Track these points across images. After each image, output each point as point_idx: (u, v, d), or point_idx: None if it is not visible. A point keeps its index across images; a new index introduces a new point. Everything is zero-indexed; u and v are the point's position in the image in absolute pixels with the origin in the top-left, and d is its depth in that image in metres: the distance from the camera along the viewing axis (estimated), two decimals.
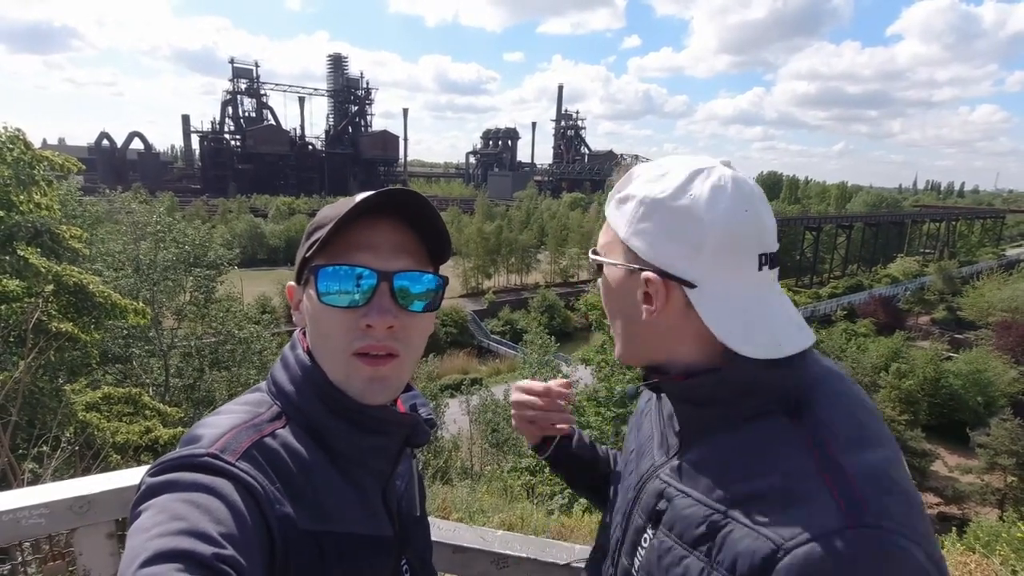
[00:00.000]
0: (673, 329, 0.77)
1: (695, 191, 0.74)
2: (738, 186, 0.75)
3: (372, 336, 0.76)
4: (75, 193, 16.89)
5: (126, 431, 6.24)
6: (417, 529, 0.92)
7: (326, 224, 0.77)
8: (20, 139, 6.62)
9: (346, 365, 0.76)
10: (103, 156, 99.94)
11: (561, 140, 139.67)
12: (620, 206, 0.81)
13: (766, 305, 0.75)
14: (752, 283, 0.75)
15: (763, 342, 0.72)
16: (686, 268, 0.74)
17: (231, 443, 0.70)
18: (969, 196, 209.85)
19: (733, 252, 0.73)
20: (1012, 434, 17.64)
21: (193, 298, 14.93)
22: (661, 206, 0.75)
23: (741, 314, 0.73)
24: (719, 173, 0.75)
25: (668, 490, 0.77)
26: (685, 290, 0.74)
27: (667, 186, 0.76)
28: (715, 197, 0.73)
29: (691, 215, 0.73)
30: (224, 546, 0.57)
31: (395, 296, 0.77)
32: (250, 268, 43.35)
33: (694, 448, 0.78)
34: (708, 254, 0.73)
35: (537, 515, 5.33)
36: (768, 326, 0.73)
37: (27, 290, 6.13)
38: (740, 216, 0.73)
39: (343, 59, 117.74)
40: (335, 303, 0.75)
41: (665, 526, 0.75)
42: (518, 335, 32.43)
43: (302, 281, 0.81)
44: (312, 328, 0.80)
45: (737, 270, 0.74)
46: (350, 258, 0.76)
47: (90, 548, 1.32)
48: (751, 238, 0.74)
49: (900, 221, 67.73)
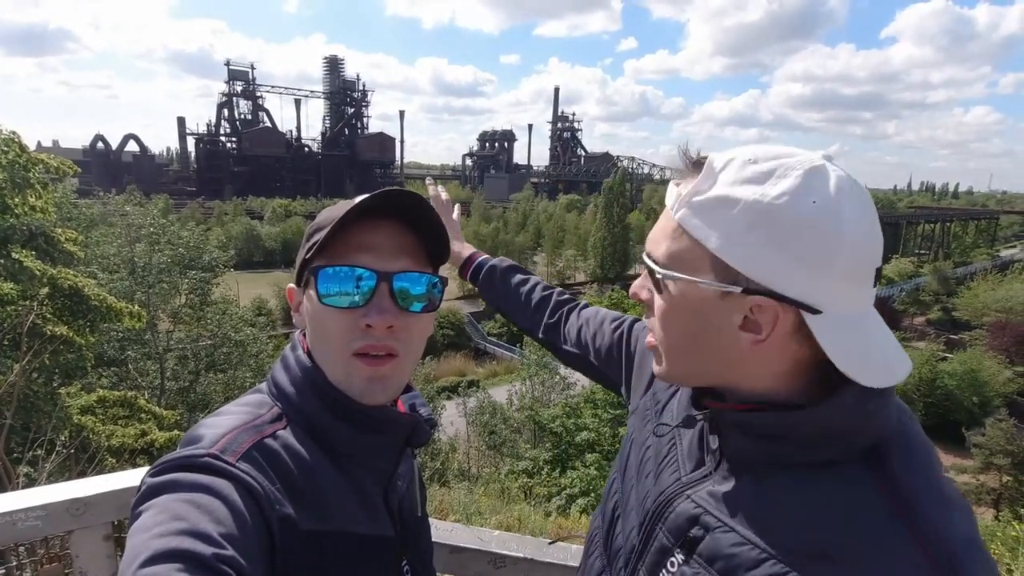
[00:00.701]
0: (763, 357, 0.67)
1: (819, 197, 0.61)
2: (858, 191, 0.64)
3: (372, 336, 0.76)
4: (70, 196, 16.84)
5: (121, 434, 6.22)
6: (419, 530, 0.92)
7: (326, 226, 0.77)
8: (15, 142, 6.61)
9: (346, 365, 0.77)
10: (98, 159, 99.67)
11: (557, 142, 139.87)
12: (707, 210, 0.66)
13: (874, 325, 0.66)
14: (866, 302, 0.65)
15: (880, 369, 0.63)
16: (809, 291, 0.62)
17: (231, 444, 0.70)
18: (964, 197, 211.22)
19: (861, 269, 0.63)
20: (1007, 434, 17.73)
21: (189, 301, 14.90)
22: (778, 215, 0.62)
23: (861, 339, 0.63)
24: (836, 174, 0.64)
25: (706, 518, 0.69)
26: (805, 316, 0.63)
27: (783, 189, 0.62)
28: (843, 205, 0.61)
29: (819, 227, 0.61)
30: (224, 546, 0.57)
31: (395, 297, 0.77)
32: (246, 270, 43.24)
33: (743, 480, 0.68)
34: (837, 273, 0.61)
35: (534, 517, 5.33)
36: (882, 349, 0.64)
37: (22, 293, 6.11)
38: (869, 228, 0.63)
39: (339, 61, 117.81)
40: (335, 304, 0.75)
41: (703, 558, 0.68)
42: (515, 337, 32.39)
43: (302, 283, 0.81)
44: (312, 329, 0.80)
45: (858, 289, 0.64)
46: (350, 259, 0.76)
47: (87, 550, 1.32)
48: (875, 254, 0.64)
49: (895, 222, 67.99)
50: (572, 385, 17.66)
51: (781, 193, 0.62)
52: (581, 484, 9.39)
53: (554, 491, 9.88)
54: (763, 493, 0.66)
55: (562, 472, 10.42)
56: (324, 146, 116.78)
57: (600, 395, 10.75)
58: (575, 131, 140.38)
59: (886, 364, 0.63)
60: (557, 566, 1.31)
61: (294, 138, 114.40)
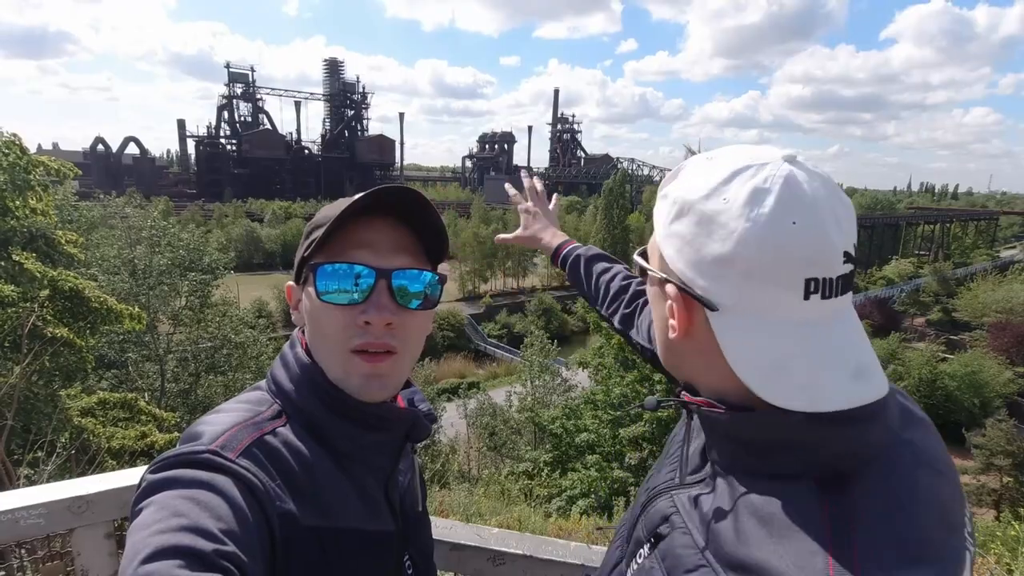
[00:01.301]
0: (702, 351, 0.66)
1: (731, 193, 0.61)
2: (789, 190, 0.60)
3: (370, 333, 0.76)
4: (70, 198, 16.85)
5: (122, 436, 6.23)
6: (419, 525, 0.93)
7: (324, 224, 0.77)
8: (16, 144, 6.63)
9: (344, 362, 0.77)
10: (98, 161, 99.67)
11: (557, 144, 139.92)
12: (660, 203, 0.71)
13: (809, 343, 0.60)
14: (795, 314, 0.60)
15: (790, 391, 0.59)
16: (710, 286, 0.62)
17: (231, 440, 0.70)
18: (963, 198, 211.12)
19: (769, 274, 0.59)
20: (1007, 435, 17.71)
21: (189, 303, 14.90)
22: (692, 207, 0.63)
23: (769, 351, 0.60)
24: (768, 172, 0.61)
25: (674, 517, 0.69)
26: (707, 313, 0.63)
27: (704, 184, 0.63)
28: (752, 203, 0.59)
29: (720, 223, 0.60)
30: (225, 542, 0.58)
31: (393, 294, 0.77)
32: (246, 273, 43.24)
33: (719, 485, 0.66)
34: (736, 273, 0.60)
35: (535, 518, 5.32)
36: (805, 371, 0.59)
37: (22, 295, 6.11)
38: (782, 229, 0.58)
39: (339, 64, 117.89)
40: (334, 300, 0.76)
41: (659, 553, 0.68)
42: (515, 339, 32.43)
43: (301, 280, 0.82)
44: (311, 326, 0.80)
45: (774, 296, 0.60)
46: (349, 256, 0.77)
47: (88, 548, 1.32)
48: (796, 259, 0.58)
49: (895, 223, 68.09)
50: (573, 387, 17.65)
51: (700, 186, 0.64)
52: (581, 486, 9.37)
53: (554, 492, 9.86)
54: (726, 498, 0.63)
55: (562, 473, 10.40)
56: (324, 148, 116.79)
57: (600, 397, 10.74)
58: (575, 133, 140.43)
59: (808, 385, 0.58)
60: (556, 563, 1.32)
61: (294, 140, 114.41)
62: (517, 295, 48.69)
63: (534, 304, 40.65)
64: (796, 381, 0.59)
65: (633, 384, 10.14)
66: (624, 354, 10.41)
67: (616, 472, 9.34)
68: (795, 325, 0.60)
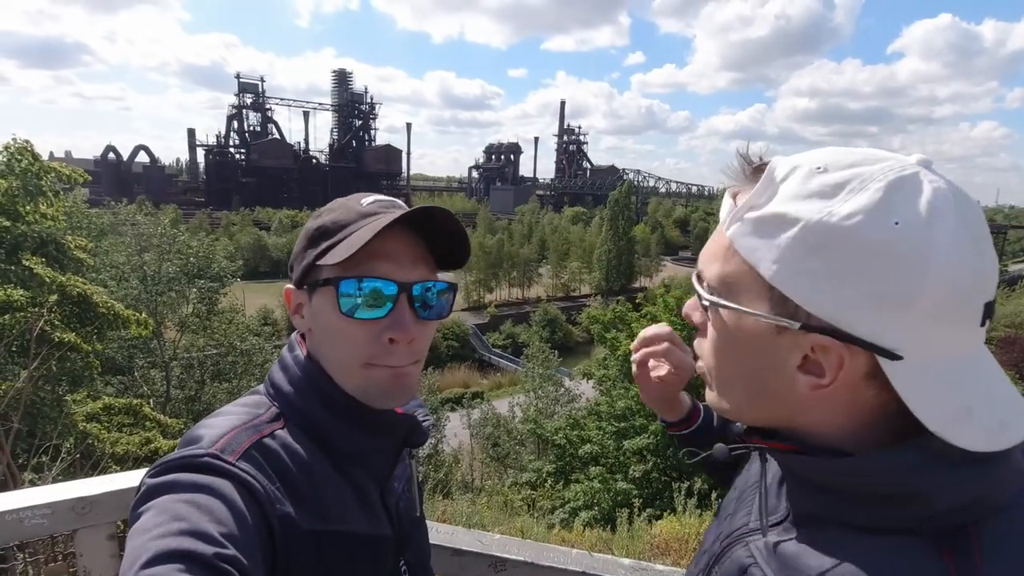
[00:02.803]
0: (830, 403, 0.55)
1: (903, 216, 0.49)
2: (962, 208, 0.50)
3: (396, 353, 0.76)
4: (80, 205, 17.02)
5: (126, 442, 6.24)
6: (416, 529, 0.93)
7: (335, 230, 0.77)
8: (28, 150, 6.71)
9: (364, 372, 0.77)
10: (109, 169, 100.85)
11: (563, 155, 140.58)
12: (762, 228, 0.55)
13: (984, 372, 0.53)
14: (970, 344, 0.52)
15: (984, 429, 0.50)
16: (886, 331, 0.50)
17: (231, 443, 0.70)
18: None
19: (959, 306, 0.50)
20: None
21: (196, 310, 14.98)
22: (847, 238, 0.49)
23: (958, 390, 0.51)
24: (932, 186, 0.51)
25: (753, 570, 0.60)
26: (880, 360, 0.51)
27: (856, 207, 0.50)
28: (934, 227, 0.48)
29: (900, 256, 0.48)
30: (225, 546, 0.58)
31: (414, 307, 0.77)
32: (252, 280, 43.44)
33: (801, 532, 0.58)
34: (922, 312, 0.49)
35: (537, 529, 5.29)
36: (991, 403, 0.51)
37: (31, 299, 6.16)
38: (970, 256, 0.49)
39: (348, 75, 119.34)
40: (359, 315, 0.75)
41: None
42: (519, 349, 32.35)
43: (306, 286, 0.80)
44: (325, 337, 0.79)
45: (958, 329, 0.51)
46: (372, 269, 0.75)
47: (91, 549, 1.32)
48: (980, 285, 0.50)
49: None
50: (576, 397, 17.57)
51: (853, 212, 0.49)
52: (585, 497, 9.30)
53: (557, 504, 9.79)
54: (816, 552, 0.55)
55: (565, 485, 10.33)
56: (331, 158, 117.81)
57: (604, 408, 10.69)
58: (581, 144, 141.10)
59: (995, 423, 0.50)
60: (558, 570, 1.31)
61: (302, 150, 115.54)
62: (522, 305, 48.68)
63: (539, 314, 40.63)
64: (987, 421, 0.50)
65: (637, 397, 10.09)
66: (628, 366, 10.37)
67: (620, 484, 9.27)
68: (969, 357, 0.52)
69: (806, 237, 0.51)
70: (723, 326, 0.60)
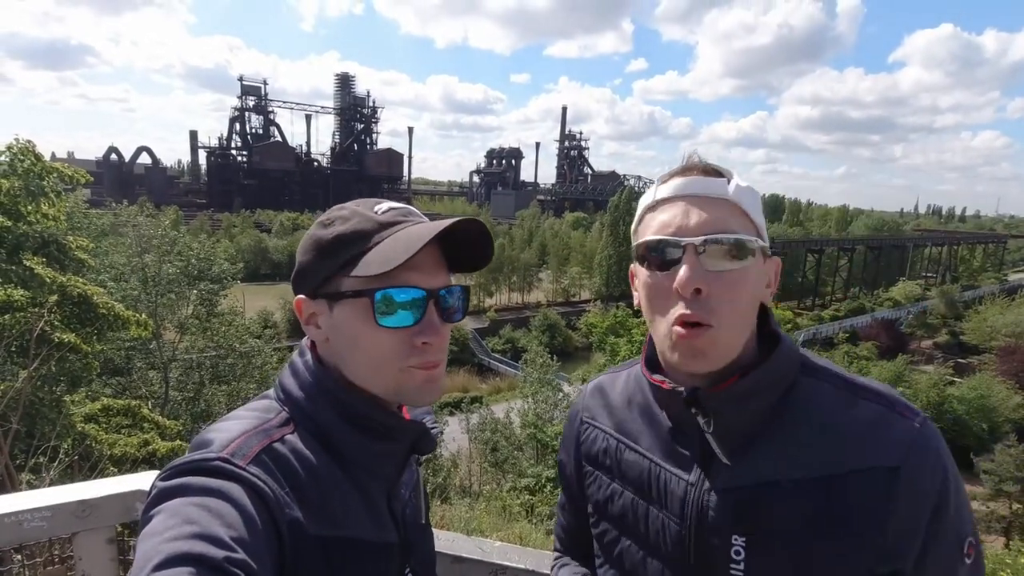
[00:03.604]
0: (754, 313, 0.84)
1: None
2: None
3: (428, 353, 0.79)
4: (81, 205, 17.01)
5: (124, 443, 6.22)
6: (422, 536, 0.93)
7: (352, 238, 0.78)
8: (30, 151, 6.72)
9: (399, 376, 0.79)
10: (110, 170, 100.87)
11: (564, 160, 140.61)
12: (749, 189, 0.83)
13: None
14: None
15: None
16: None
17: (242, 448, 0.71)
18: (971, 221, 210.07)
19: None
20: (1017, 461, 17.41)
21: (195, 311, 14.95)
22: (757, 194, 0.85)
23: None
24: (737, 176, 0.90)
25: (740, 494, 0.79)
26: None
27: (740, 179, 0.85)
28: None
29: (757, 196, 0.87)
30: (235, 550, 0.58)
31: (442, 312, 0.80)
32: (253, 283, 43.45)
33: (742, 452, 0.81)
34: None
35: (536, 535, 5.27)
36: None
37: (31, 300, 6.16)
38: None
39: (350, 78, 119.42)
40: (393, 324, 0.76)
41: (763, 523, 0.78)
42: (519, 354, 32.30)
43: (324, 297, 0.80)
44: (355, 347, 0.79)
45: None
46: (404, 279, 0.76)
47: (90, 553, 1.32)
48: None
49: (902, 245, 67.72)
50: None
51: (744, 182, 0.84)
52: None
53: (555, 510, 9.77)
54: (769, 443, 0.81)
55: None
56: (333, 161, 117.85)
57: None
58: (582, 149, 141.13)
59: None
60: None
61: (304, 152, 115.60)
62: (522, 310, 48.60)
63: (538, 319, 40.53)
64: None
65: None
66: None
67: None
68: None
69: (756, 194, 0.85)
70: (758, 264, 0.82)
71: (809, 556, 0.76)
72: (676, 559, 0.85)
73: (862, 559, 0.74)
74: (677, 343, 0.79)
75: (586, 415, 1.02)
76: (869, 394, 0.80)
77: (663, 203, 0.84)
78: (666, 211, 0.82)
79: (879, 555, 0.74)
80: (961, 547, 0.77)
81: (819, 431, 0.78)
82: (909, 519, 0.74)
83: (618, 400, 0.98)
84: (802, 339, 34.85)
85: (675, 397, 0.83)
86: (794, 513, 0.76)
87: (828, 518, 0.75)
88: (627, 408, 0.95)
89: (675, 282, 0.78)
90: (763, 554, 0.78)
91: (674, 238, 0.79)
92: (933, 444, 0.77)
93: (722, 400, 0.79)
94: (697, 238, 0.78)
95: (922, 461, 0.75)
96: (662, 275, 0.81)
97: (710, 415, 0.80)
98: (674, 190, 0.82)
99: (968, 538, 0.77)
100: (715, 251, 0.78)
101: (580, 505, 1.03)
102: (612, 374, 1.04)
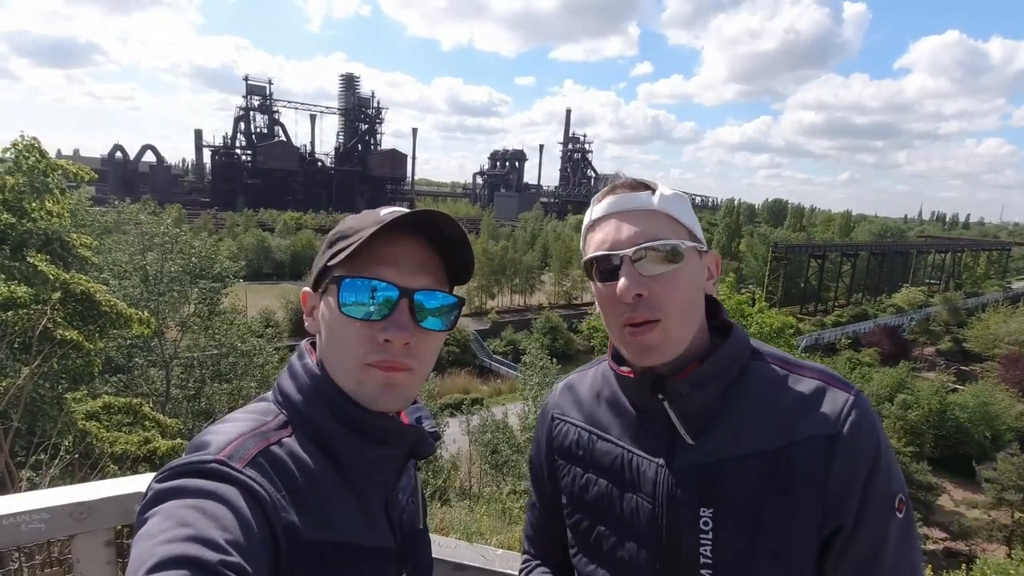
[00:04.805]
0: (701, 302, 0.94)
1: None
2: None
3: (388, 351, 0.76)
4: (84, 203, 17.06)
5: (125, 441, 6.21)
6: (418, 542, 0.92)
7: (350, 235, 0.78)
8: (35, 148, 6.74)
9: (359, 373, 0.77)
10: (115, 168, 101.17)
11: (568, 163, 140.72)
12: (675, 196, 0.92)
13: None
14: None
15: None
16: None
17: (238, 450, 0.70)
18: (974, 228, 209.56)
19: None
20: (1019, 469, 17.34)
21: (197, 310, 14.98)
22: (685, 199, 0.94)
23: None
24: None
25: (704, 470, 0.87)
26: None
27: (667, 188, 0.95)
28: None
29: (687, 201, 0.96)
30: (230, 553, 0.58)
31: (414, 313, 0.77)
32: (255, 282, 43.52)
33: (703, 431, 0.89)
34: None
35: None
36: None
37: (34, 297, 6.17)
38: None
39: (355, 79, 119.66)
40: (355, 314, 0.76)
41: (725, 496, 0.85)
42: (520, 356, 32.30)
43: (320, 288, 0.82)
44: (328, 336, 0.80)
45: None
46: (374, 271, 0.77)
47: (88, 555, 1.31)
48: None
49: (905, 251, 67.58)
50: None
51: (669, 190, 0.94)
52: None
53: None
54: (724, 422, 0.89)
55: None
56: (337, 161, 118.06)
57: None
58: (586, 152, 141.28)
59: None
60: None
61: (308, 152, 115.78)
62: (524, 312, 48.58)
63: (540, 322, 40.50)
64: None
65: None
66: None
67: None
68: None
69: (686, 201, 0.94)
70: (687, 265, 0.89)
71: (764, 520, 0.84)
72: (650, 537, 0.91)
73: (809, 519, 0.83)
74: (630, 342, 0.89)
75: (557, 412, 1.09)
76: (809, 372, 0.91)
77: (598, 222, 0.94)
78: (601, 229, 0.92)
79: (824, 514, 0.83)
80: (892, 503, 0.85)
81: (768, 408, 0.88)
82: (847, 480, 0.83)
83: (587, 395, 1.05)
84: (804, 344, 34.77)
85: (642, 386, 0.92)
86: (750, 483, 0.85)
87: (778, 485, 0.84)
88: (596, 401, 1.03)
89: (616, 291, 0.87)
90: (728, 524, 0.86)
91: (610, 253, 0.89)
92: (866, 414, 0.85)
93: (683, 385, 0.88)
94: (629, 249, 0.88)
95: (856, 430, 0.84)
96: (607, 286, 0.90)
97: (674, 400, 0.89)
98: (606, 208, 0.93)
99: (899, 495, 0.85)
100: (650, 257, 0.87)
101: (552, 501, 1.09)
102: (580, 372, 1.13)
